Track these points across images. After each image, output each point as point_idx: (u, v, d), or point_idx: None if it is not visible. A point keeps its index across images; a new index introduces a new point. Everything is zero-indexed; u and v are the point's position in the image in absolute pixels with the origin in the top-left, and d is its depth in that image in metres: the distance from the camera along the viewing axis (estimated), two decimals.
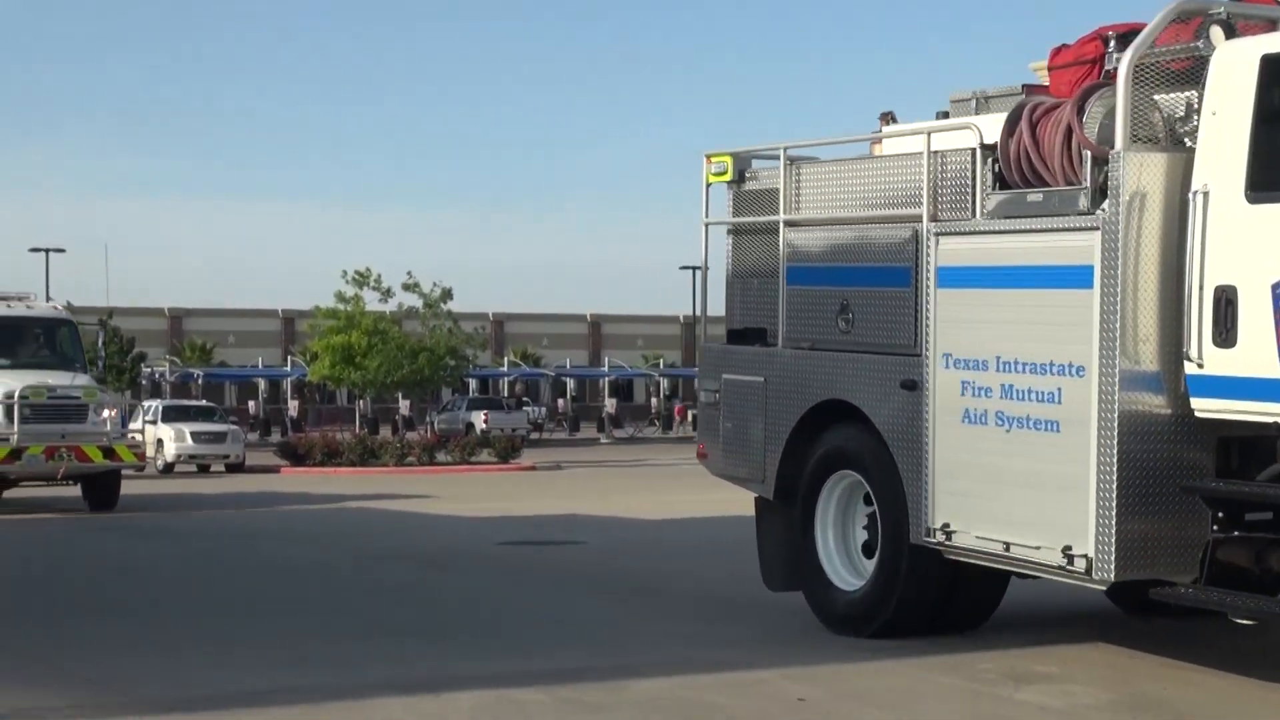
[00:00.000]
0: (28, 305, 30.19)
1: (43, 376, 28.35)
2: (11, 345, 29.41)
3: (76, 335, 30.13)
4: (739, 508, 26.48)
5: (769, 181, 12.88)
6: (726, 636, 12.44)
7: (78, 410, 28.18)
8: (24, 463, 27.42)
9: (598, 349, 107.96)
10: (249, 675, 10.79)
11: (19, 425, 27.33)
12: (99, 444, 27.88)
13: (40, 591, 16.43)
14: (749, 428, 12.92)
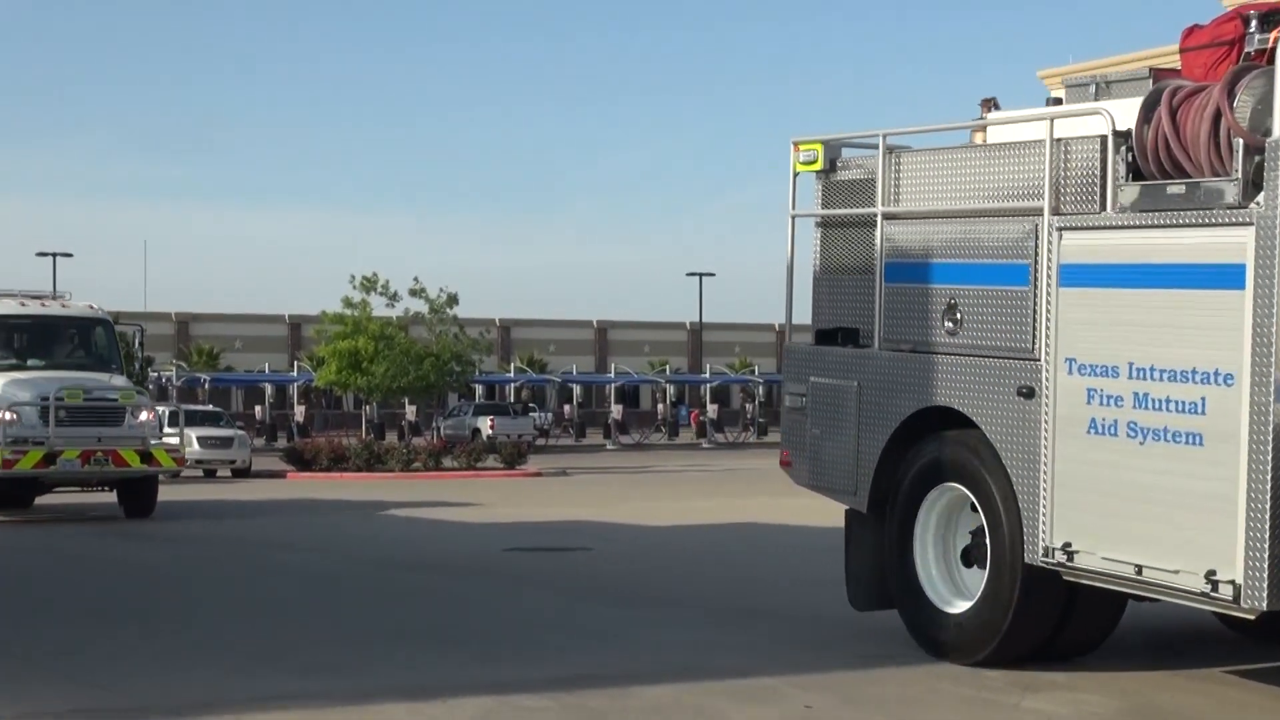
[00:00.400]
0: (63, 305, 29.14)
1: (78, 378, 27.43)
2: (46, 346, 28.62)
3: (113, 336, 29.16)
4: (745, 514, 26.51)
5: (864, 171, 12.02)
6: (733, 643, 12.40)
7: (114, 413, 27.16)
8: (58, 467, 26.40)
9: (604, 355, 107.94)
10: (254, 680, 10.77)
11: (54, 428, 26.34)
12: (136, 448, 26.85)
13: (53, 596, 16.41)
14: (840, 435, 12.02)
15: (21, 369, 27.59)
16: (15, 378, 27.20)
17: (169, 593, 16.43)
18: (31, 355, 28.16)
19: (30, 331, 28.37)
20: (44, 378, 27.12)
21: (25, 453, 26.08)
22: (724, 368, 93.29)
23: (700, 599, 15.33)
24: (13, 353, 28.19)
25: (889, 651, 11.80)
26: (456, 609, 14.78)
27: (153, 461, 27.02)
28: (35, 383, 26.89)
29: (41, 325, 28.42)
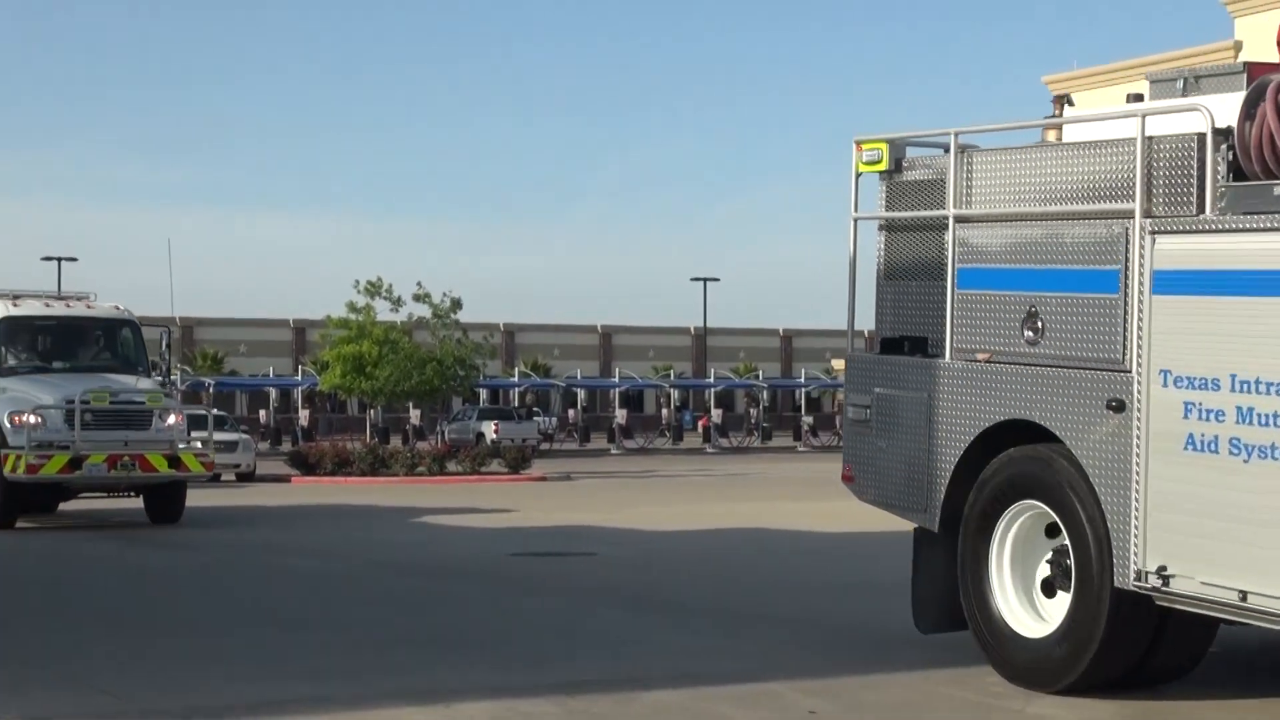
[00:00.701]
0: (87, 305, 28.21)
1: (105, 380, 26.64)
2: (71, 347, 27.84)
3: (140, 337, 28.15)
4: (750, 519, 26.52)
5: (933, 171, 11.38)
6: (737, 648, 12.43)
7: (141, 416, 26.30)
8: (84, 472, 25.49)
9: (608, 360, 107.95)
10: (262, 686, 10.80)
11: (79, 432, 25.42)
12: (164, 452, 25.93)
13: (59, 600, 16.43)
14: (908, 449, 11.32)
15: (46, 371, 27.05)
16: (40, 380, 26.68)
17: (174, 597, 16.45)
18: (57, 357, 27.51)
19: (55, 333, 27.69)
20: (69, 380, 26.40)
21: (50, 457, 25.27)
22: (728, 372, 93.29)
23: (706, 604, 15.36)
24: (37, 355, 27.59)
25: (894, 656, 11.82)
26: (461, 614, 14.81)
27: (181, 466, 26.22)
28: (60, 385, 26.19)
29: (67, 326, 27.71)
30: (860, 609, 14.86)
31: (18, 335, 27.23)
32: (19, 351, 27.20)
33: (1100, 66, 41.36)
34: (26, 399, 25.82)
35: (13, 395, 26.02)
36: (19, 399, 25.86)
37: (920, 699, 10.23)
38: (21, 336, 27.32)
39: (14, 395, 26.02)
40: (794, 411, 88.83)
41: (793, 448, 75.85)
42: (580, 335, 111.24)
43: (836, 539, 23.22)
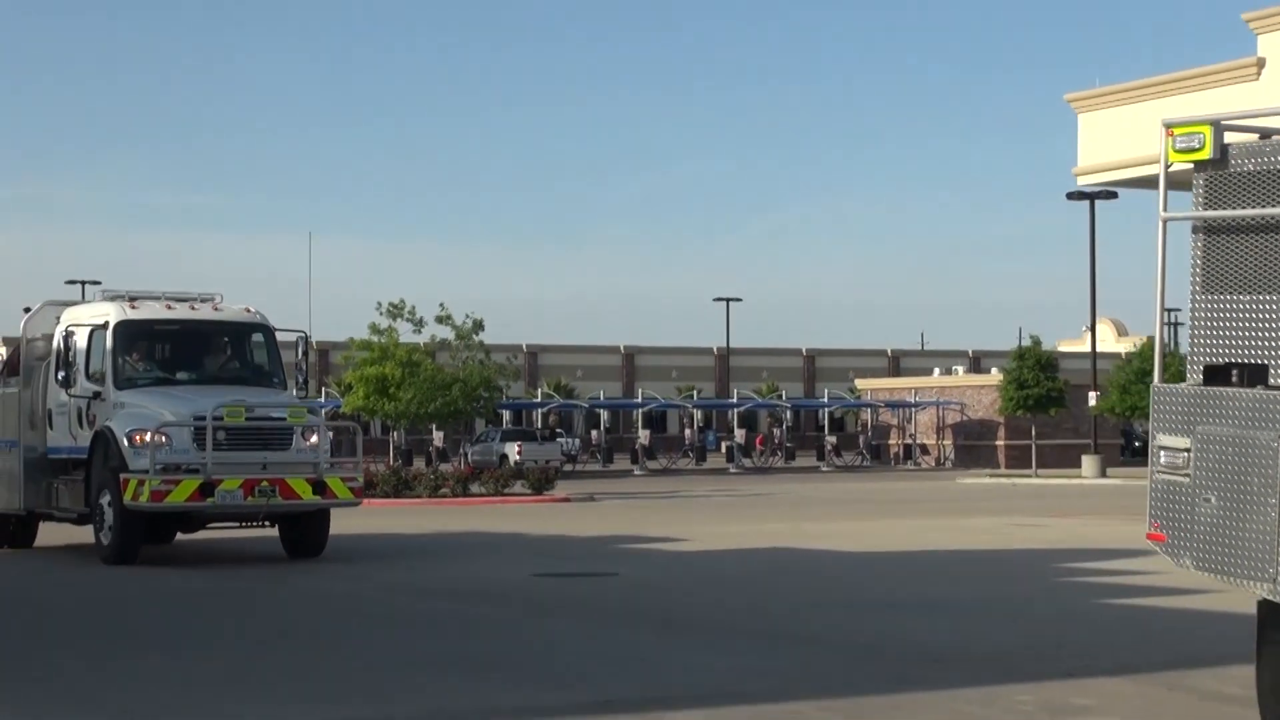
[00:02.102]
0: (214, 307, 24.82)
1: (239, 393, 23.24)
2: (196, 356, 24.58)
3: (275, 344, 24.67)
4: (774, 539, 26.44)
5: (1273, 160, 9.28)
6: (763, 668, 12.38)
7: (281, 435, 22.91)
8: (216, 499, 22.00)
9: (631, 380, 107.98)
10: (278, 706, 10.77)
11: (211, 453, 22.08)
12: (307, 476, 22.60)
13: (81, 621, 16.44)
14: (1249, 505, 9.11)
15: (169, 383, 23.70)
16: (163, 393, 23.28)
17: (193, 619, 16.44)
18: (180, 367, 24.24)
19: (178, 339, 24.45)
20: (197, 393, 23.03)
21: (178, 482, 21.87)
22: (751, 392, 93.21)
23: (730, 624, 15.31)
24: (157, 364, 24.23)
25: (920, 676, 11.77)
26: (485, 635, 14.78)
27: (327, 493, 22.72)
28: (187, 399, 22.78)
29: (191, 332, 24.42)
30: (886, 628, 14.81)
31: (135, 342, 23.86)
32: (137, 360, 23.81)
33: (1122, 84, 41.29)
34: (149, 415, 22.51)
35: (132, 411, 22.79)
36: (140, 415, 22.58)
37: (947, 719, 10.17)
38: (139, 343, 23.96)
39: (134, 411, 22.79)
40: (817, 431, 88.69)
41: (816, 467, 75.71)
42: (603, 356, 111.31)
43: (861, 559, 23.17)
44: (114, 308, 23.95)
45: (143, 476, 21.79)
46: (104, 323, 23.64)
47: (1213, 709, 10.49)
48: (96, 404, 23.16)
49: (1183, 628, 14.90)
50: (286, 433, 22.91)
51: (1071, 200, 60.78)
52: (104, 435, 22.68)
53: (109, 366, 23.23)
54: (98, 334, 23.58)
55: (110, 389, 23.09)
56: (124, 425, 22.40)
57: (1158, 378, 10.29)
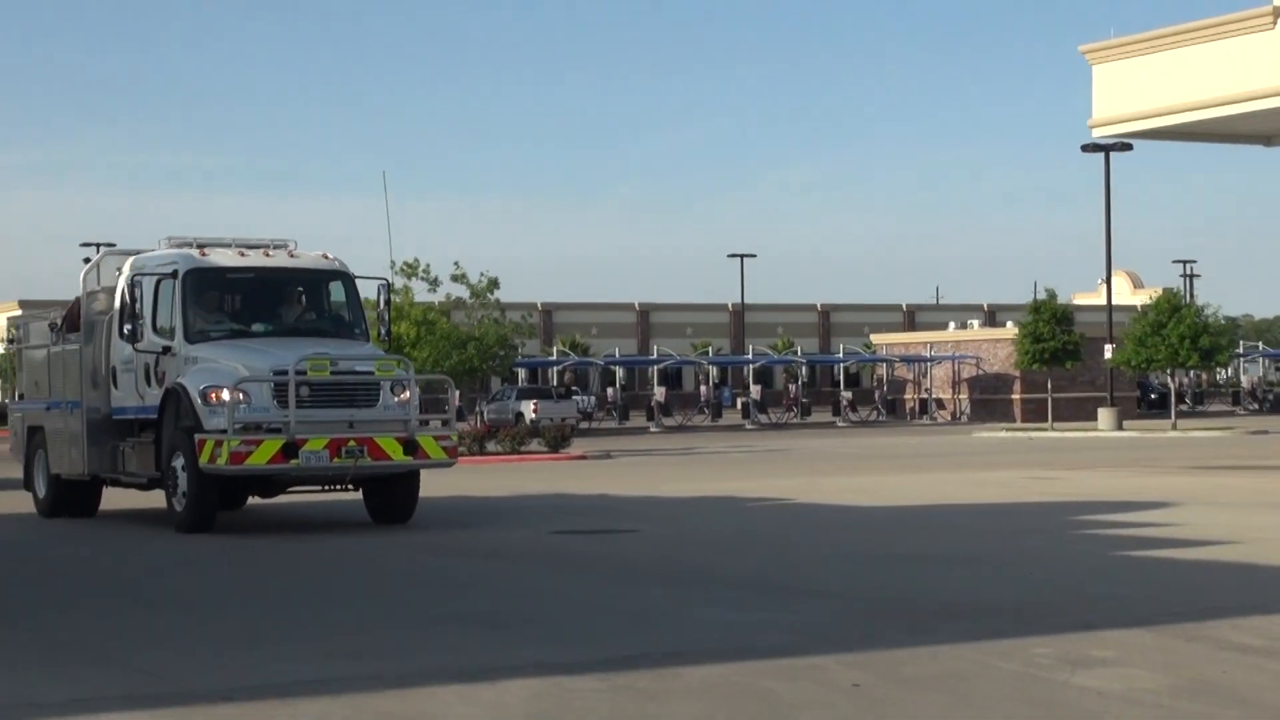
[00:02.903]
0: (290, 254, 23.02)
1: (322, 346, 21.56)
2: (272, 306, 22.70)
3: (356, 293, 23.13)
4: (791, 494, 26.45)
5: None
6: (782, 622, 12.38)
7: (368, 391, 21.21)
8: (301, 461, 20.24)
9: (646, 337, 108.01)
10: (304, 665, 10.80)
11: (295, 411, 20.37)
12: (397, 435, 20.91)
13: (100, 583, 16.48)
14: None
15: (244, 335, 22.00)
16: (239, 346, 21.58)
17: (214, 578, 16.49)
18: (256, 318, 22.44)
19: (253, 288, 22.64)
20: (275, 346, 21.36)
21: (259, 443, 20.19)
22: (766, 348, 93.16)
23: (748, 579, 15.32)
24: (229, 315, 22.46)
25: (938, 629, 11.78)
26: (504, 592, 14.81)
27: (419, 453, 21.01)
28: (267, 352, 21.11)
29: (267, 280, 22.60)
30: (904, 582, 14.82)
31: (206, 292, 22.16)
32: (208, 312, 22.11)
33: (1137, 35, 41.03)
34: (224, 370, 20.89)
35: (207, 366, 21.15)
36: (215, 370, 20.98)
37: (965, 671, 10.17)
38: (211, 293, 22.26)
39: (208, 366, 21.15)
40: (833, 387, 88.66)
41: (832, 423, 75.71)
42: (618, 313, 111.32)
43: (878, 513, 23.17)
44: (183, 255, 22.24)
45: (220, 437, 20.15)
46: (172, 271, 21.92)
47: (1232, 659, 10.48)
48: (166, 359, 21.66)
49: (1202, 579, 14.88)
50: (374, 388, 21.25)
51: (1086, 153, 60.57)
52: (175, 393, 21.14)
53: (179, 318, 21.64)
54: (165, 284, 21.92)
55: (181, 343, 21.52)
56: (197, 382, 20.83)
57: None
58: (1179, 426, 59.07)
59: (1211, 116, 36.81)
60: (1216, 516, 21.03)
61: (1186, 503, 23.40)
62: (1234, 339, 79.37)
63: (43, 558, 19.34)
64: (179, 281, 21.79)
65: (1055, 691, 9.51)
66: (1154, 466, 34.41)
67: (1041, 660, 10.40)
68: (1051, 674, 10.00)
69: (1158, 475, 31.00)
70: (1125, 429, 58.77)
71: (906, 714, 9.00)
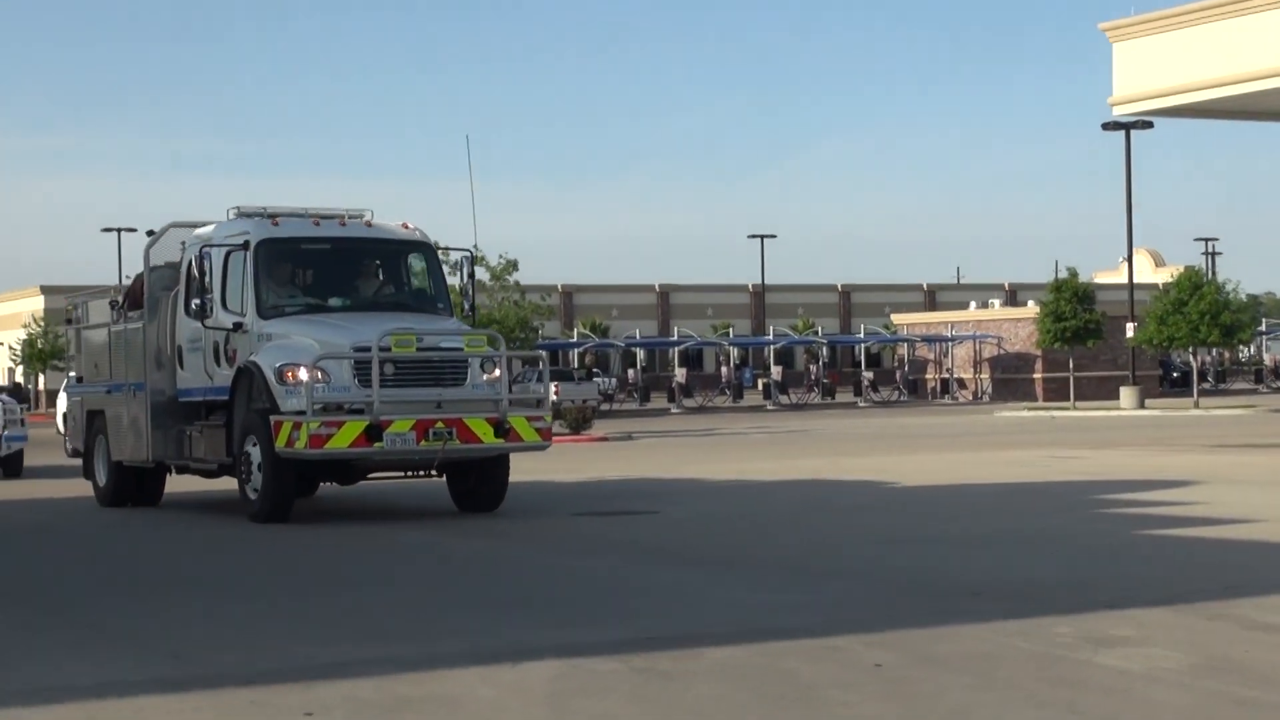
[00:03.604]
0: (367, 224, 21.66)
1: (406, 321, 20.26)
2: (350, 279, 21.28)
3: (439, 265, 21.90)
4: (812, 474, 26.45)
5: None
6: (803, 603, 12.40)
7: (455, 368, 19.82)
8: (385, 445, 18.89)
9: (667, 319, 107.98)
10: (327, 648, 10.84)
11: (378, 390, 18.95)
12: (488, 416, 19.53)
13: (126, 568, 16.55)
14: None
15: (321, 310, 20.63)
16: (317, 322, 20.20)
17: (239, 563, 16.54)
18: (332, 292, 21.06)
19: (329, 260, 21.21)
20: (355, 321, 20.03)
21: (341, 425, 18.86)
22: (787, 329, 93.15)
23: (770, 559, 15.34)
24: (302, 289, 21.07)
25: (961, 609, 11.78)
26: (525, 574, 14.84)
27: (511, 435, 19.70)
28: (347, 328, 19.77)
29: (344, 251, 21.21)
30: (925, 562, 14.82)
31: (280, 264, 20.88)
32: (281, 285, 20.82)
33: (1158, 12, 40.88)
34: (301, 347, 19.60)
35: (282, 343, 19.90)
36: (291, 347, 19.70)
37: (988, 651, 10.17)
38: (284, 266, 20.96)
39: (284, 343, 19.88)
40: (854, 367, 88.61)
41: (853, 403, 75.66)
42: (638, 295, 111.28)
43: (900, 493, 23.17)
44: (254, 225, 20.88)
45: (298, 419, 18.83)
46: (243, 242, 20.62)
47: (1255, 638, 10.48)
48: (237, 337, 20.40)
49: (1224, 558, 14.86)
50: (461, 365, 19.87)
51: (1107, 131, 60.40)
52: (248, 372, 19.90)
53: (251, 293, 20.33)
54: (236, 256, 20.63)
55: (253, 318, 20.24)
56: (272, 359, 19.55)
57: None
58: (1201, 405, 58.95)
59: (1233, 94, 36.67)
60: (1239, 495, 20.99)
61: (1209, 481, 23.36)
62: (1256, 317, 79.18)
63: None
64: (250, 253, 20.49)
65: (1077, 670, 9.52)
66: (1176, 445, 34.36)
67: (1063, 639, 10.40)
68: (1074, 653, 10.01)
69: (1180, 454, 30.95)
70: (1147, 407, 58.67)
71: (929, 694, 9.01)
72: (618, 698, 9.06)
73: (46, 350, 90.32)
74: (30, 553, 18.24)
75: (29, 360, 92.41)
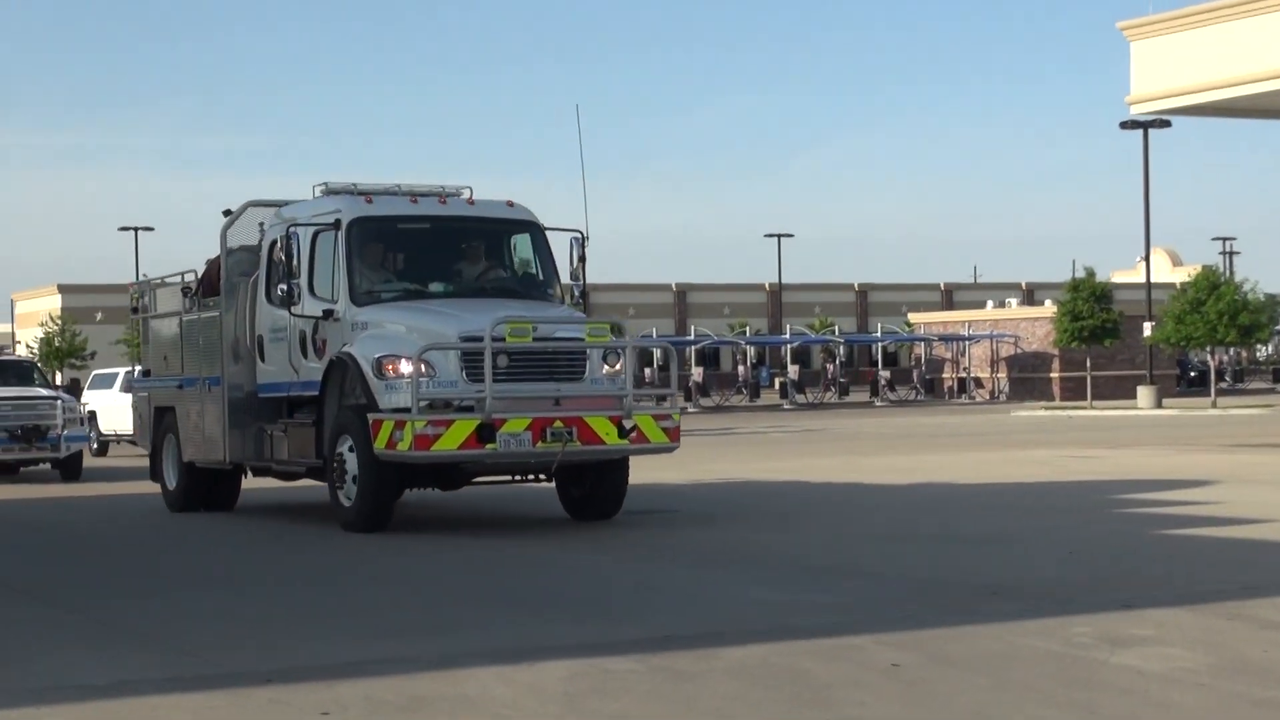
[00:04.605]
0: (469, 202, 19.75)
1: (518, 308, 18.40)
2: (450, 261, 19.36)
3: (547, 246, 19.71)
4: (829, 474, 26.43)
5: None
6: (819, 603, 12.39)
7: (573, 361, 17.97)
8: (499, 446, 16.96)
9: (684, 318, 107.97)
10: (344, 646, 10.85)
11: (492, 385, 17.01)
12: (611, 414, 17.67)
13: (139, 564, 16.58)
14: None
15: (421, 296, 18.79)
16: (418, 309, 18.33)
17: (258, 561, 16.56)
18: (432, 276, 19.17)
19: (428, 241, 19.32)
20: (463, 308, 18.15)
21: (450, 424, 16.99)
22: (804, 328, 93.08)
23: (786, 559, 15.32)
24: (399, 273, 19.17)
25: (978, 608, 11.76)
26: (541, 574, 14.83)
27: (637, 436, 17.79)
28: (454, 315, 17.87)
29: (445, 231, 19.28)
30: (943, 561, 14.80)
31: (373, 245, 19.01)
32: (376, 268, 18.96)
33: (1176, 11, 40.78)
34: (402, 337, 17.83)
35: (380, 332, 18.13)
36: (390, 337, 17.94)
37: (1005, 651, 10.16)
38: (379, 247, 19.09)
39: (381, 332, 18.12)
40: (870, 366, 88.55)
41: (870, 403, 75.60)
42: (655, 294, 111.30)
43: (917, 492, 23.15)
44: (346, 202, 19.10)
45: (402, 417, 17.00)
46: (334, 221, 18.81)
47: (1273, 638, 10.45)
48: (328, 326, 18.64)
49: (1243, 558, 14.82)
50: (579, 358, 17.98)
51: (1125, 129, 60.29)
52: (342, 365, 18.19)
53: (343, 277, 18.57)
54: (325, 237, 18.90)
55: (347, 305, 18.47)
56: (371, 350, 17.77)
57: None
58: (1218, 404, 58.82)
59: (1252, 92, 36.59)
60: (1257, 495, 20.94)
61: (1226, 481, 23.31)
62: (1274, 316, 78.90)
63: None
64: (343, 233, 18.69)
65: (1095, 671, 9.50)
66: (1193, 445, 34.28)
67: (1081, 640, 10.38)
68: (1091, 653, 9.98)
69: (1197, 453, 30.88)
70: (1164, 407, 58.56)
71: (945, 694, 9.00)
72: (634, 697, 9.06)
73: (64, 348, 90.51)
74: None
75: (46, 359, 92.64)
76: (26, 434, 29.73)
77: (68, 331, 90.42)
